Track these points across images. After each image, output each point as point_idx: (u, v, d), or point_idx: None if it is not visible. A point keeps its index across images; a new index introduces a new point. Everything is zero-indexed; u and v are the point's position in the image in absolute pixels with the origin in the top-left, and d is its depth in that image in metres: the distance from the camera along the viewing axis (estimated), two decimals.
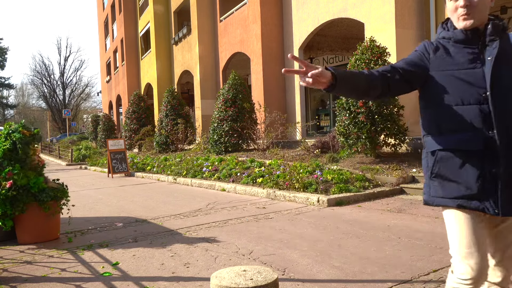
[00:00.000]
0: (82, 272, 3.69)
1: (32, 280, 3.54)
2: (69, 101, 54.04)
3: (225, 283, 2.08)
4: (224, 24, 16.70)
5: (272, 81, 13.91)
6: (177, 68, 21.14)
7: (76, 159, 21.41)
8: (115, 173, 13.18)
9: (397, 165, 7.95)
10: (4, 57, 51.88)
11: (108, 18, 32.31)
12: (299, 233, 4.69)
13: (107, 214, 6.55)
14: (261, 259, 3.81)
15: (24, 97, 64.00)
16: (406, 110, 9.04)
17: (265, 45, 13.82)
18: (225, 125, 12.06)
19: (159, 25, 22.42)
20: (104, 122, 24.31)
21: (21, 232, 4.81)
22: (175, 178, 10.70)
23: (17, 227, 4.80)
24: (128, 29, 26.69)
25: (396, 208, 5.95)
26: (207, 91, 18.01)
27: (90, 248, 4.47)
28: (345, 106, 8.33)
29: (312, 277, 3.29)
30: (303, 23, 12.89)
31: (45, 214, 4.77)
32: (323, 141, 10.13)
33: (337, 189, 6.79)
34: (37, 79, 53.13)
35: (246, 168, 9.21)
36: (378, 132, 8.04)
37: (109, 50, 32.65)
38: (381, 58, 8.14)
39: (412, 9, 9.65)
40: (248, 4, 14.48)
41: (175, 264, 3.78)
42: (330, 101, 18.24)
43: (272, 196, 7.28)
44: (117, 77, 29.64)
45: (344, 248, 4.04)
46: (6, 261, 4.12)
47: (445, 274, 3.23)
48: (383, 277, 3.21)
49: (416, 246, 3.97)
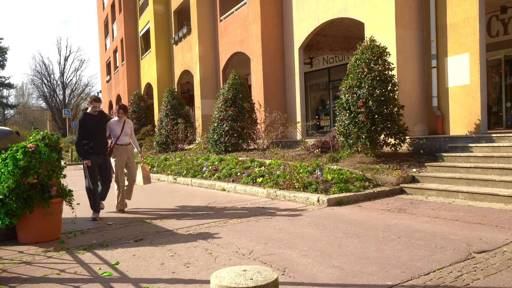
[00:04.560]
0: (82, 272, 3.69)
1: (32, 280, 3.53)
2: (69, 101, 53.98)
3: (225, 283, 2.08)
4: (224, 24, 16.69)
5: (272, 81, 13.90)
6: (177, 68, 21.13)
7: (76, 159, 21.41)
8: None
9: (397, 165, 7.95)
10: (4, 56, 51.89)
11: (108, 17, 32.29)
12: (299, 233, 4.69)
13: (107, 214, 6.55)
14: (261, 259, 3.80)
15: (24, 97, 63.97)
16: (406, 110, 9.04)
17: (265, 45, 13.81)
18: (225, 125, 12.06)
19: (159, 25, 22.41)
20: None
21: (23, 232, 4.81)
22: (175, 177, 10.70)
23: (19, 227, 4.81)
24: (128, 29, 26.67)
25: (396, 208, 5.94)
26: (207, 91, 18.00)
27: (90, 248, 4.47)
28: (345, 106, 8.32)
29: (312, 277, 3.28)
30: (303, 23, 12.88)
31: (47, 213, 4.78)
32: (323, 141, 10.12)
33: (337, 189, 6.79)
34: (37, 78, 53.09)
35: (246, 168, 9.21)
36: (378, 131, 8.03)
37: (109, 50, 32.63)
38: (381, 57, 8.13)
39: (412, 8, 9.64)
40: (248, 4, 14.47)
41: (175, 264, 3.77)
42: (330, 101, 18.24)
43: (272, 196, 7.28)
44: (117, 77, 29.63)
45: (344, 248, 4.04)
46: (5, 261, 4.12)
47: (445, 274, 3.23)
48: (383, 277, 3.21)
49: (416, 246, 3.97)
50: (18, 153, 4.72)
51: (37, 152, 4.84)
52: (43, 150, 4.90)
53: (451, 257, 3.59)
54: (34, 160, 4.75)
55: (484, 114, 8.84)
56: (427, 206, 5.96)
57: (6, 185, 4.55)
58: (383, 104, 8.00)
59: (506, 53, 12.27)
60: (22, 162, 4.65)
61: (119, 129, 6.69)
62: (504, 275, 3.16)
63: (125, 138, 6.73)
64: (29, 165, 4.70)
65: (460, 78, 9.09)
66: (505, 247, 3.82)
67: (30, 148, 4.81)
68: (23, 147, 4.80)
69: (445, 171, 7.49)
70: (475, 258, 3.56)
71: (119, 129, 6.69)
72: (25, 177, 4.67)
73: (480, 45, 8.72)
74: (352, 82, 8.24)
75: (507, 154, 6.99)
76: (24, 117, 60.05)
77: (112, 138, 6.68)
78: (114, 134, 6.66)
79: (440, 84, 9.50)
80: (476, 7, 8.68)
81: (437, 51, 9.50)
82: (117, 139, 6.64)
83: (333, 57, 17.93)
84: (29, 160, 4.72)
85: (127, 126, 6.82)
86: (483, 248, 3.81)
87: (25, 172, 4.67)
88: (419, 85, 9.79)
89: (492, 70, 12.75)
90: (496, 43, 12.24)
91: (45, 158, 4.86)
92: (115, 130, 6.68)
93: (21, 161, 4.66)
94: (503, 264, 3.39)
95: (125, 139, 6.74)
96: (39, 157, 4.81)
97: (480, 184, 6.58)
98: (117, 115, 6.80)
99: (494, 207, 5.65)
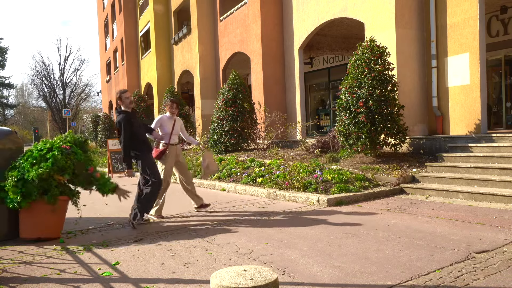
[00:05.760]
0: (82, 272, 3.69)
1: (32, 280, 3.53)
2: (69, 101, 53.96)
3: (225, 283, 2.08)
4: (224, 24, 16.69)
5: (272, 81, 13.90)
6: (177, 68, 21.13)
7: None
8: (115, 173, 13.18)
9: (397, 165, 7.95)
10: (4, 56, 51.92)
11: (108, 17, 32.28)
12: (299, 233, 4.69)
13: (107, 214, 6.56)
14: (261, 259, 3.81)
15: (24, 97, 63.98)
16: (406, 110, 9.04)
17: (265, 45, 13.81)
18: (225, 125, 12.06)
19: (159, 25, 22.41)
20: (104, 122, 24.30)
21: (26, 224, 4.83)
22: (175, 177, 10.68)
23: (23, 218, 4.84)
24: (128, 29, 26.67)
25: (396, 208, 5.94)
26: (207, 91, 18.00)
27: (90, 248, 4.47)
28: (345, 106, 8.32)
29: (312, 277, 3.28)
30: (303, 23, 12.88)
31: (51, 210, 4.81)
32: (323, 141, 10.12)
33: (337, 189, 6.79)
34: (37, 78, 53.06)
35: (246, 167, 9.21)
36: (378, 131, 8.03)
37: (109, 50, 32.63)
38: (381, 57, 8.13)
39: (412, 8, 9.64)
40: (248, 4, 14.47)
41: (175, 264, 3.77)
42: (330, 101, 18.24)
43: (272, 196, 7.28)
44: (117, 77, 29.63)
45: (344, 247, 4.04)
46: (5, 261, 4.12)
47: (445, 274, 3.23)
48: (383, 277, 3.21)
49: (416, 246, 3.97)
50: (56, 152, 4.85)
51: (71, 152, 4.97)
52: (77, 151, 5.03)
53: (451, 257, 3.59)
54: (69, 161, 4.89)
55: (484, 114, 8.84)
56: (427, 206, 5.96)
57: (39, 172, 4.67)
58: (383, 104, 8.00)
59: (506, 53, 12.27)
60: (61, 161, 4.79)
61: (171, 127, 5.95)
62: (504, 275, 3.16)
63: (175, 137, 6.05)
64: (65, 165, 4.85)
65: (460, 78, 9.09)
66: (505, 247, 3.82)
67: (64, 148, 4.96)
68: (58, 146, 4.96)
69: (445, 171, 7.49)
70: (475, 258, 3.56)
71: (170, 127, 5.94)
72: (61, 174, 4.84)
73: (480, 45, 8.72)
74: (352, 82, 8.23)
75: (507, 154, 6.99)
76: (24, 117, 60.06)
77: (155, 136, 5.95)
78: (166, 132, 5.92)
79: (440, 84, 9.50)
80: (476, 7, 8.69)
81: (437, 51, 9.50)
82: (170, 138, 5.92)
83: (333, 57, 17.92)
84: (66, 160, 4.86)
85: (178, 123, 6.12)
86: (483, 248, 3.81)
87: (62, 170, 4.84)
88: (419, 85, 9.80)
89: (492, 70, 12.75)
90: (496, 43, 12.24)
91: (81, 158, 5.01)
92: (167, 128, 5.93)
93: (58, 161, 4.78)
94: (503, 264, 3.39)
95: (176, 138, 6.06)
96: (74, 158, 4.95)
97: (480, 184, 6.58)
98: (170, 111, 6.05)
99: (494, 207, 5.65)
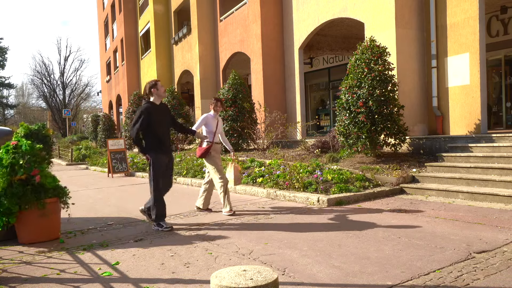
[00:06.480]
0: (82, 273, 3.69)
1: (32, 280, 3.53)
2: (69, 101, 53.93)
3: (225, 283, 2.08)
4: (224, 24, 16.69)
5: (272, 81, 13.91)
6: (177, 68, 21.13)
7: (76, 159, 21.40)
8: (115, 173, 13.18)
9: (397, 165, 7.95)
10: (4, 56, 51.86)
11: (108, 17, 32.29)
12: (299, 233, 4.69)
13: (107, 214, 6.55)
14: (261, 259, 3.80)
15: (24, 97, 63.95)
16: (406, 110, 9.04)
17: (265, 45, 13.81)
18: (225, 125, 12.06)
19: (159, 25, 22.42)
20: (104, 122, 24.30)
21: (22, 231, 4.81)
22: (175, 177, 10.70)
23: (18, 227, 4.81)
24: (128, 29, 26.68)
25: (396, 208, 5.94)
26: (207, 91, 18.00)
27: (90, 248, 4.47)
28: (345, 106, 8.32)
29: (312, 277, 3.28)
30: (303, 23, 12.88)
31: (46, 213, 4.77)
32: (323, 141, 10.12)
33: (337, 189, 6.79)
34: (37, 78, 53.03)
35: (246, 168, 9.21)
36: (378, 132, 8.03)
37: (109, 50, 32.63)
38: (381, 57, 8.13)
39: (412, 9, 9.64)
40: (248, 4, 14.47)
41: (175, 264, 3.77)
42: (330, 101, 18.24)
43: (272, 196, 7.28)
44: (117, 77, 29.63)
45: (344, 247, 4.04)
46: (5, 261, 4.12)
47: (445, 274, 3.23)
48: (383, 277, 3.21)
49: (416, 246, 3.97)
50: (1, 151, 4.70)
51: (18, 146, 4.76)
52: (24, 143, 4.79)
53: (451, 257, 3.59)
54: (16, 155, 4.68)
55: (484, 114, 8.84)
56: (427, 206, 5.96)
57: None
58: (383, 104, 8.00)
59: (506, 53, 12.27)
60: (5, 160, 4.62)
61: (215, 125, 5.94)
62: (504, 275, 3.16)
63: (218, 136, 6.07)
64: (13, 161, 4.62)
65: (460, 78, 9.09)
66: (505, 247, 3.82)
67: (12, 144, 4.76)
68: (6, 145, 4.76)
69: (445, 171, 7.49)
70: (475, 258, 3.56)
71: (214, 125, 5.94)
72: (15, 174, 4.62)
73: (480, 45, 8.72)
74: (352, 82, 8.24)
75: (507, 154, 6.99)
76: (24, 117, 59.99)
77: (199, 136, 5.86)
78: (210, 131, 5.92)
79: (440, 84, 9.50)
80: (476, 7, 8.69)
81: (437, 51, 9.50)
82: (214, 137, 5.92)
83: (333, 57, 17.93)
84: (12, 156, 4.64)
85: (220, 123, 6.13)
86: (483, 248, 3.81)
87: (13, 170, 4.62)
88: (419, 85, 9.80)
89: (492, 70, 12.75)
90: (496, 43, 12.24)
91: (27, 150, 4.74)
92: (211, 126, 5.93)
93: (3, 159, 4.62)
94: (503, 264, 3.39)
95: (218, 137, 6.06)
96: (20, 151, 4.73)
97: (480, 184, 6.58)
98: (214, 109, 6.04)
99: (494, 207, 5.65)
